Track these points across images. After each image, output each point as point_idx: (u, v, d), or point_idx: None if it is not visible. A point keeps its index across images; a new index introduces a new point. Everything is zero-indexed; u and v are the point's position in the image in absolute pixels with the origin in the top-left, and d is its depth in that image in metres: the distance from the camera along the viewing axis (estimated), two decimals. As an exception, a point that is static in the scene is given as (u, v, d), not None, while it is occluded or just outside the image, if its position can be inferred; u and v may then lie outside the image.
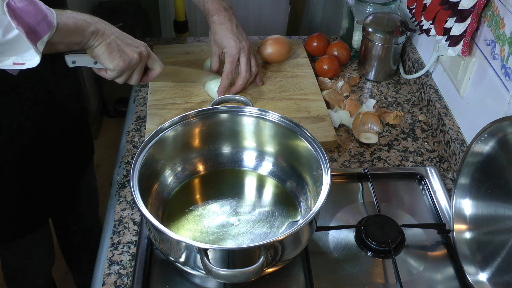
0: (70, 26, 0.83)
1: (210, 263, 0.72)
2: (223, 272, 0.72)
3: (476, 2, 0.96)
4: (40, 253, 1.32)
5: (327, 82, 1.32)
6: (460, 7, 0.98)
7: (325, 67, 1.33)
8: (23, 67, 0.79)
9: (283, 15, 2.29)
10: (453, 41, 1.03)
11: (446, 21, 1.03)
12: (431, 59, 1.22)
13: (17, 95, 0.98)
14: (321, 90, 1.28)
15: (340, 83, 1.30)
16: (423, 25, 1.15)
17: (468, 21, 0.99)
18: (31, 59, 0.78)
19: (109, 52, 0.90)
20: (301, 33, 2.42)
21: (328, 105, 1.24)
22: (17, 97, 0.99)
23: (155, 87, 1.25)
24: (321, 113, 1.20)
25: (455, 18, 1.01)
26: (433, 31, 1.10)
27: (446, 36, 1.05)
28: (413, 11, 1.20)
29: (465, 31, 1.00)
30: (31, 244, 1.24)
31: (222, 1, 1.20)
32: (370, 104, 1.24)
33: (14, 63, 0.78)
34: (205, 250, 0.73)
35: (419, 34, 1.32)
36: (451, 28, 1.02)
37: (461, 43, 1.02)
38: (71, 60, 0.94)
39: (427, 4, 1.11)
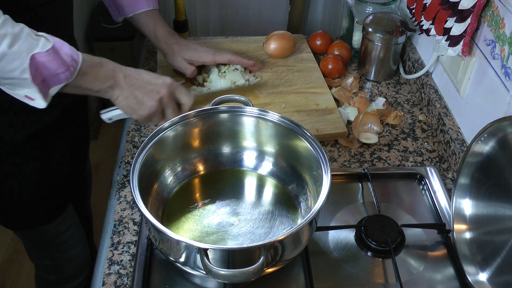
0: (89, 78, 0.87)
1: (210, 263, 0.72)
2: (223, 272, 0.72)
3: (476, 2, 0.96)
4: (74, 250, 1.29)
5: (334, 80, 1.33)
6: (460, 7, 0.98)
7: (330, 66, 1.34)
8: (32, 104, 0.83)
9: (283, 15, 2.29)
10: (453, 41, 1.03)
11: (446, 21, 1.03)
12: (431, 59, 1.22)
13: None
14: (329, 88, 1.29)
15: (350, 80, 1.31)
16: (423, 25, 1.15)
17: (468, 21, 0.99)
18: (40, 99, 0.83)
19: (128, 106, 0.93)
20: (301, 33, 2.41)
21: (338, 103, 1.26)
22: None
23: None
24: (329, 106, 1.22)
25: (455, 18, 1.01)
26: (433, 31, 1.10)
27: (446, 36, 1.05)
28: (413, 11, 1.20)
29: (465, 31, 1.00)
30: (61, 233, 1.23)
31: (167, 26, 1.25)
32: (379, 102, 1.25)
33: (26, 96, 0.82)
34: (205, 250, 0.73)
35: (419, 34, 1.32)
36: (451, 28, 1.02)
37: (461, 43, 1.02)
38: (107, 117, 0.97)
39: (427, 4, 1.11)
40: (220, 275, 0.72)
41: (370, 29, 1.29)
